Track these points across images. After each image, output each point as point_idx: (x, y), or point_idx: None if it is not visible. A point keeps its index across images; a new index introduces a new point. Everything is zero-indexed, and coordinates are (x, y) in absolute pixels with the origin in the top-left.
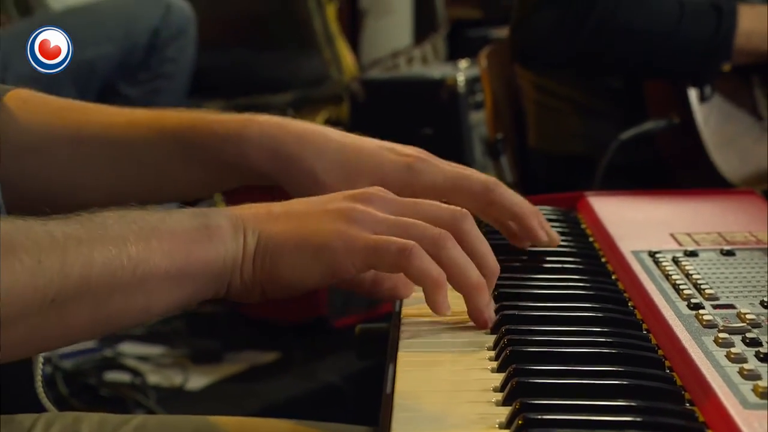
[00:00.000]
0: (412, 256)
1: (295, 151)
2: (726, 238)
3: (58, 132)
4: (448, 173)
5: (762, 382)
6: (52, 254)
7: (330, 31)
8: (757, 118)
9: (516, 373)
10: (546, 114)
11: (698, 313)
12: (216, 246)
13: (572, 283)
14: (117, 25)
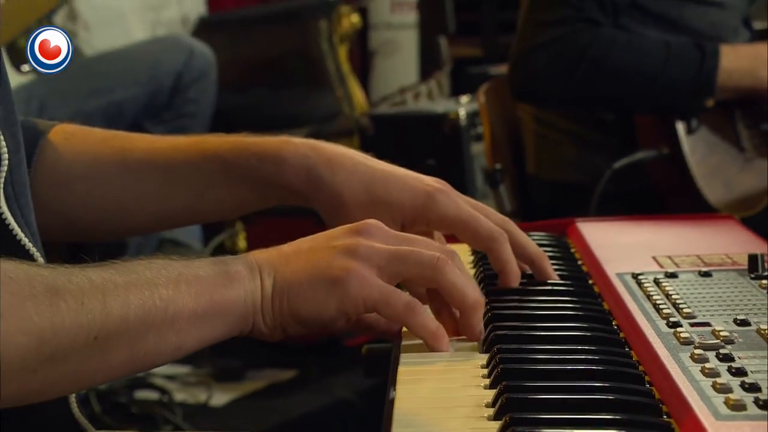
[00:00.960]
0: (416, 312)
1: (326, 173)
2: (704, 260)
3: (105, 159)
4: (462, 210)
5: (733, 395)
6: (93, 297)
7: (342, 70)
8: (739, 149)
9: (506, 390)
10: (544, 144)
11: (676, 331)
12: (236, 288)
13: (561, 304)
14: (143, 69)
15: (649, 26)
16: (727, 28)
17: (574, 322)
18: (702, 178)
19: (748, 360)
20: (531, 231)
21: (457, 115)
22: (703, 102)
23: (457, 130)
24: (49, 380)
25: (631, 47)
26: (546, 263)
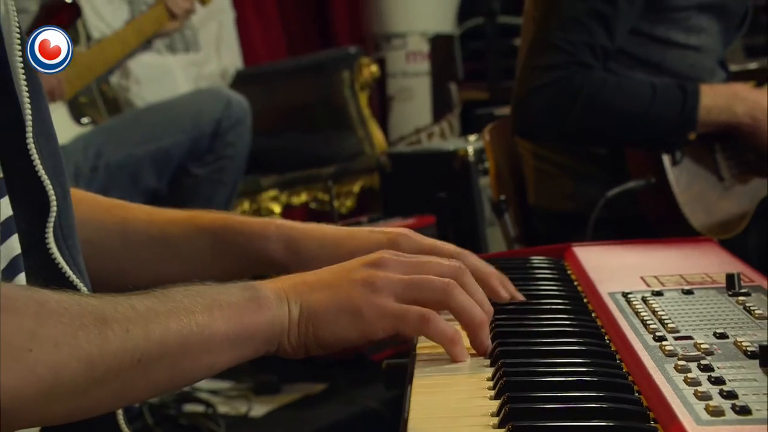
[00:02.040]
0: (431, 321)
1: (303, 245)
2: (687, 279)
3: (108, 227)
4: (424, 247)
5: (713, 402)
6: (136, 324)
7: (363, 114)
8: (719, 178)
9: (509, 401)
10: (543, 177)
11: (662, 344)
12: (264, 313)
13: (559, 321)
14: (187, 118)
15: (636, 69)
16: (705, 69)
17: (570, 337)
18: (686, 204)
19: (726, 370)
20: (532, 255)
21: (466, 152)
22: (686, 136)
23: (466, 165)
24: (98, 400)
25: (620, 88)
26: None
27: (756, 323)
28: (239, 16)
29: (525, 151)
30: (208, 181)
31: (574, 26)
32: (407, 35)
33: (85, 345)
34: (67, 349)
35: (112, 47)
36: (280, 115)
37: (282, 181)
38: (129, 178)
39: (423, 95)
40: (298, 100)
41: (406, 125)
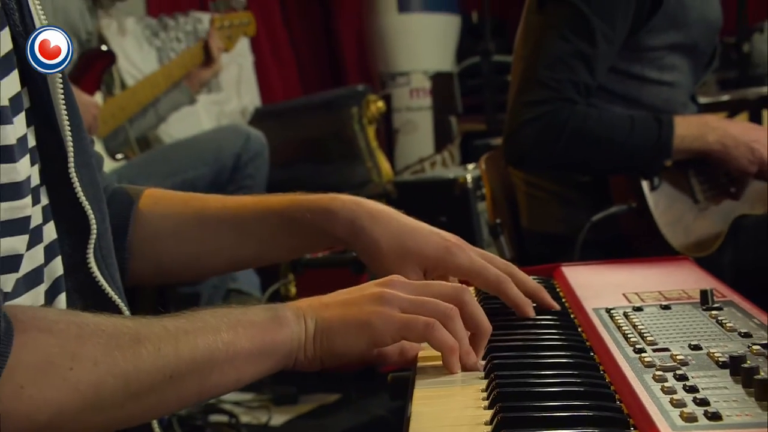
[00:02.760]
0: (435, 329)
1: (367, 225)
2: (664, 296)
3: (186, 217)
4: (474, 262)
5: (687, 408)
6: (168, 343)
7: (371, 146)
8: (694, 201)
9: (501, 410)
10: (534, 203)
11: (641, 356)
12: (284, 331)
13: (547, 335)
14: (210, 153)
15: (615, 103)
16: (678, 103)
17: (558, 350)
18: (665, 226)
19: (700, 379)
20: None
21: (465, 179)
22: (663, 163)
23: (465, 192)
24: (134, 413)
25: (602, 121)
26: (544, 294)
27: (727, 335)
28: (257, 59)
29: (517, 179)
30: None
31: (559, 65)
32: (410, 73)
33: (121, 363)
34: (105, 367)
35: (143, 90)
36: (295, 148)
37: None
38: None
39: (426, 128)
40: (312, 134)
41: (410, 155)
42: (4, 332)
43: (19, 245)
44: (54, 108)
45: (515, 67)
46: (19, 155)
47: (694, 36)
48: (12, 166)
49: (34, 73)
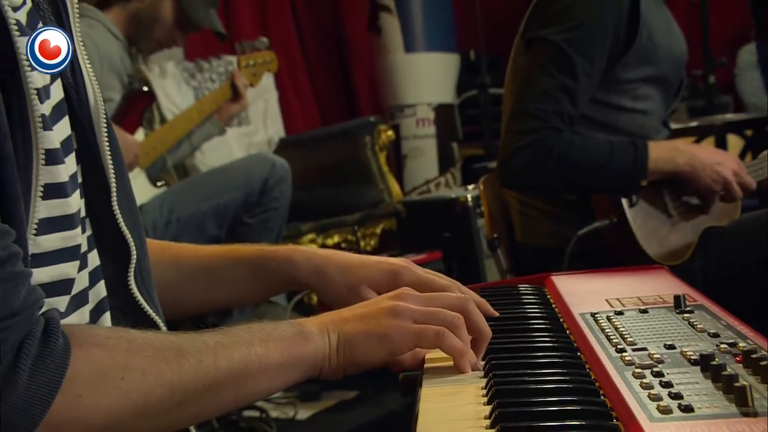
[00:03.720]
0: (445, 336)
1: (323, 267)
2: (643, 301)
3: (165, 264)
4: (421, 277)
5: (663, 402)
6: (207, 355)
7: (382, 170)
8: (668, 215)
9: (499, 406)
10: (527, 219)
11: (622, 355)
12: (310, 345)
13: (539, 338)
14: (240, 179)
15: (596, 130)
16: (651, 129)
17: (549, 351)
18: (642, 238)
19: (674, 375)
20: (519, 283)
21: (466, 199)
22: (639, 183)
23: (466, 210)
24: (177, 419)
25: (584, 147)
26: (485, 306)
27: (698, 336)
28: (281, 94)
29: (511, 198)
30: (257, 228)
31: (546, 98)
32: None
33: (167, 374)
34: (152, 378)
35: (179, 124)
36: (315, 173)
37: (318, 227)
38: (196, 229)
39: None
40: (330, 161)
41: (417, 178)
42: (63, 348)
43: (70, 270)
44: (99, 149)
45: (506, 100)
46: (71, 190)
47: (663, 70)
48: (65, 201)
49: (81, 118)
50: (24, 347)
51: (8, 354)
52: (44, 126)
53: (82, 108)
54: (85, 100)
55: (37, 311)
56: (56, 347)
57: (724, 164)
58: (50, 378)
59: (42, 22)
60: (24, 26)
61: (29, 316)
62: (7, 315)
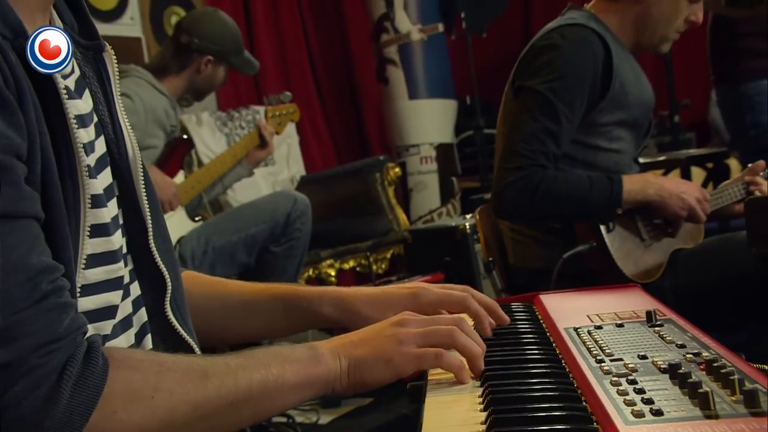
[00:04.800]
0: (444, 357)
1: (351, 305)
2: (619, 316)
3: (212, 298)
4: (438, 293)
5: (636, 407)
6: (229, 376)
7: (391, 203)
8: (641, 239)
9: (494, 412)
10: (518, 244)
11: (601, 365)
12: (322, 367)
13: (529, 350)
14: (267, 212)
15: (577, 167)
16: (624, 165)
17: (537, 363)
18: (619, 259)
19: (646, 382)
20: (511, 302)
21: (465, 227)
22: (615, 212)
23: (465, 236)
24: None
25: (567, 181)
26: (497, 308)
27: (667, 347)
28: (302, 138)
29: (504, 226)
30: (282, 256)
31: (532, 139)
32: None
33: (192, 393)
34: (179, 396)
35: (214, 167)
36: (332, 206)
37: (335, 253)
38: (229, 257)
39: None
40: (345, 195)
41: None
42: (101, 369)
43: (114, 298)
44: (137, 195)
45: (498, 140)
46: (113, 230)
47: (634, 114)
48: (109, 239)
49: (122, 168)
50: (67, 369)
51: (52, 374)
52: (90, 175)
53: (122, 160)
54: (124, 153)
55: (81, 336)
56: (96, 368)
57: (689, 193)
58: (89, 396)
59: (88, 88)
60: (72, 91)
61: (72, 340)
62: (52, 340)
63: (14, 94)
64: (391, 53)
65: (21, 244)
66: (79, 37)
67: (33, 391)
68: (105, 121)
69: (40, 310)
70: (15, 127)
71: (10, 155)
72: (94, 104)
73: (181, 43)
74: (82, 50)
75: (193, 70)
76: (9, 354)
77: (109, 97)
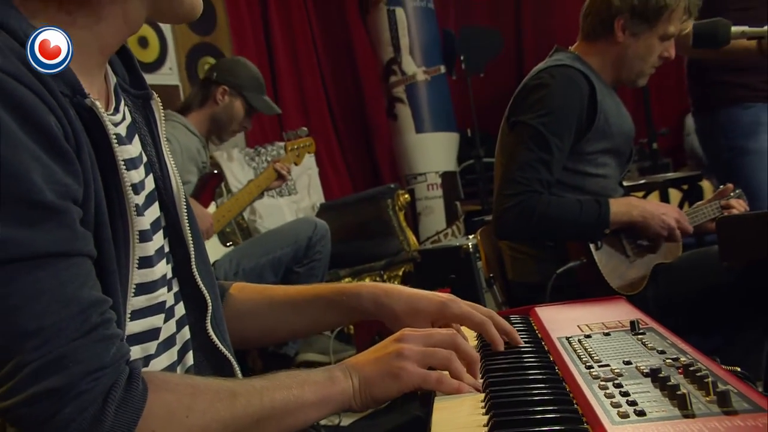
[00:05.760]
0: (443, 383)
1: (385, 299)
2: (606, 326)
3: (260, 302)
4: (464, 309)
5: (622, 408)
6: (254, 396)
7: (402, 226)
8: (626, 255)
9: (494, 415)
10: (516, 261)
11: (590, 371)
12: (337, 386)
13: (526, 358)
14: (291, 237)
15: (568, 192)
16: (610, 189)
17: (534, 369)
18: (606, 274)
19: (630, 386)
20: (510, 314)
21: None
22: (603, 231)
23: (468, 255)
24: None
25: (559, 205)
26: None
27: (649, 353)
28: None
29: (503, 245)
30: (305, 276)
31: (528, 168)
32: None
33: (222, 412)
34: (210, 415)
35: (242, 196)
36: (349, 230)
37: (352, 272)
38: (257, 278)
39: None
40: (360, 220)
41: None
42: (141, 392)
43: (157, 321)
44: (181, 226)
45: (497, 168)
46: (156, 261)
47: (617, 143)
48: (152, 270)
49: (168, 203)
50: (111, 393)
51: (98, 398)
52: (138, 213)
53: (167, 195)
54: (170, 189)
55: (124, 363)
56: (136, 392)
57: (668, 214)
58: (130, 417)
59: (138, 133)
60: (123, 137)
61: (116, 368)
62: (99, 368)
63: (73, 147)
64: (399, 92)
65: (75, 280)
66: (129, 87)
67: (81, 413)
68: (153, 160)
69: (90, 341)
70: (73, 175)
71: (68, 200)
72: (142, 146)
73: (204, 78)
74: (133, 98)
75: (213, 101)
76: (61, 380)
77: (156, 139)
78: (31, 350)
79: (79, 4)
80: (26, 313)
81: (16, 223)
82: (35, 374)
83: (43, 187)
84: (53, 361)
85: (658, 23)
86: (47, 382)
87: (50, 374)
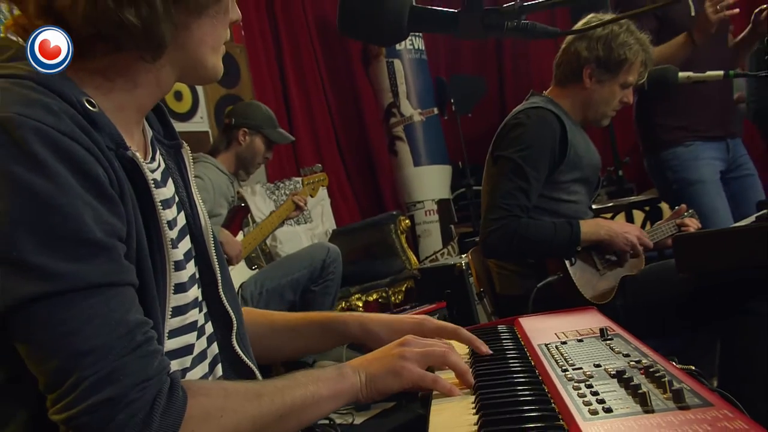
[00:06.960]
0: (438, 382)
1: (370, 327)
2: (579, 333)
3: (262, 325)
4: (437, 323)
5: (592, 406)
6: (277, 395)
7: (404, 247)
8: (596, 269)
9: (483, 415)
10: (502, 277)
11: (565, 373)
12: (347, 382)
13: (511, 364)
14: (307, 260)
15: (545, 216)
16: (581, 212)
17: (518, 374)
18: (581, 287)
19: (600, 386)
20: (497, 324)
21: (461, 264)
22: (575, 249)
23: (461, 272)
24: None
25: (537, 228)
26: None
27: (616, 356)
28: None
29: (491, 263)
30: (320, 294)
31: (509, 196)
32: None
33: (250, 411)
34: (241, 414)
35: (265, 226)
36: (358, 252)
37: (362, 289)
38: (278, 296)
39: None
40: (367, 243)
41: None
42: (182, 399)
43: (191, 339)
44: (209, 255)
45: (483, 197)
46: (189, 287)
47: (586, 173)
48: (185, 294)
49: (197, 236)
50: (156, 400)
51: (146, 405)
52: (173, 245)
53: (196, 229)
54: (198, 224)
55: (165, 375)
56: (178, 399)
57: (630, 232)
58: (174, 420)
59: (171, 177)
60: (159, 181)
61: (160, 379)
62: (144, 379)
63: (117, 192)
64: (399, 132)
65: (121, 306)
66: (163, 138)
67: (132, 418)
68: (184, 200)
69: (136, 357)
70: (117, 215)
71: (114, 238)
72: (175, 188)
73: (225, 125)
74: (166, 148)
75: (236, 142)
76: (114, 391)
77: (187, 181)
78: (87, 367)
79: (118, 73)
80: (81, 336)
81: (72, 259)
82: (92, 387)
83: (93, 227)
84: (106, 375)
85: (619, 73)
86: (103, 393)
87: (105, 386)
